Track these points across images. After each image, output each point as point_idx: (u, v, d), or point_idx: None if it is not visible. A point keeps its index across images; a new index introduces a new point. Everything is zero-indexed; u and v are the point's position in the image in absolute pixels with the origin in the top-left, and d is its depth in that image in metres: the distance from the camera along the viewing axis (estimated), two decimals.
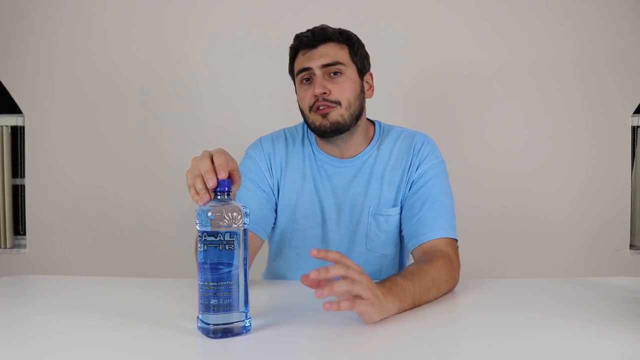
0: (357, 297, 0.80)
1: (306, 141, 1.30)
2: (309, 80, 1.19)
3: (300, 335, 0.81)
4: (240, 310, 0.79)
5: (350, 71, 1.20)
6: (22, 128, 2.55)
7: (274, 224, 1.29)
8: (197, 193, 0.80)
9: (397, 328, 0.85)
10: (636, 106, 2.54)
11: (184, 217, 2.26)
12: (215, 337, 0.77)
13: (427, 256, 1.09)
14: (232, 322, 0.78)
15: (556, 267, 2.52)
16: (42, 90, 2.51)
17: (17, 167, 2.65)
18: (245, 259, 0.80)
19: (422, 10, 2.51)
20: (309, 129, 1.29)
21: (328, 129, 1.18)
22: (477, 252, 2.28)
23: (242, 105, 2.48)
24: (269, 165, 1.27)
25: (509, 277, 2.19)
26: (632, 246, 2.64)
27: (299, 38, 1.21)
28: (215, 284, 0.77)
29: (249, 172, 1.24)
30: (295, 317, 0.89)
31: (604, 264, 2.55)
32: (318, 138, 1.27)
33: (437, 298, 1.01)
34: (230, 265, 0.78)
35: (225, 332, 0.78)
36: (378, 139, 1.29)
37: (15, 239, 2.66)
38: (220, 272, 0.77)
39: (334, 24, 1.26)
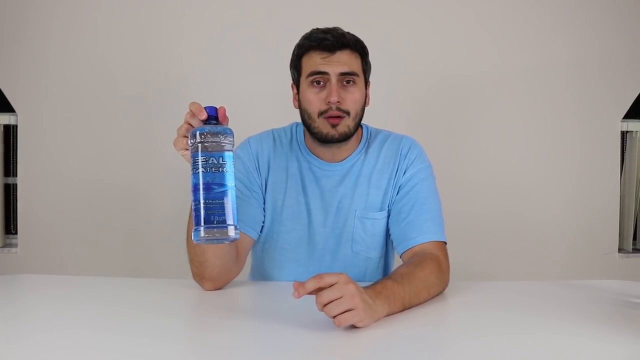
0: (347, 310, 0.82)
1: (294, 143, 1.31)
2: (320, 83, 1.17)
3: (291, 336, 0.82)
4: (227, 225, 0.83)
5: (360, 82, 1.20)
6: (15, 127, 2.54)
7: (263, 223, 1.29)
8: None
9: (387, 329, 0.86)
10: (625, 111, 2.57)
11: (178, 217, 2.25)
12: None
13: (417, 258, 1.10)
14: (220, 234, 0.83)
15: (546, 270, 2.54)
16: (35, 89, 2.49)
17: (10, 166, 2.63)
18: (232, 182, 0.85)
19: (418, 15, 2.52)
20: (298, 131, 1.31)
21: (336, 139, 1.19)
22: (467, 255, 2.29)
23: (236, 107, 2.45)
24: (257, 165, 1.28)
25: (499, 280, 2.20)
26: (620, 250, 2.66)
27: (316, 39, 1.17)
28: (207, 201, 0.82)
29: (237, 172, 1.24)
30: (286, 318, 0.90)
31: (593, 267, 2.57)
32: (309, 141, 1.27)
33: (427, 300, 1.03)
34: (222, 185, 0.83)
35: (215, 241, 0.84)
36: (366, 143, 1.30)
37: (6, 238, 2.65)
38: (210, 192, 0.83)
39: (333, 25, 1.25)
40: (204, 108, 0.91)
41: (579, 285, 1.18)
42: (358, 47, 1.20)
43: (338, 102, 1.15)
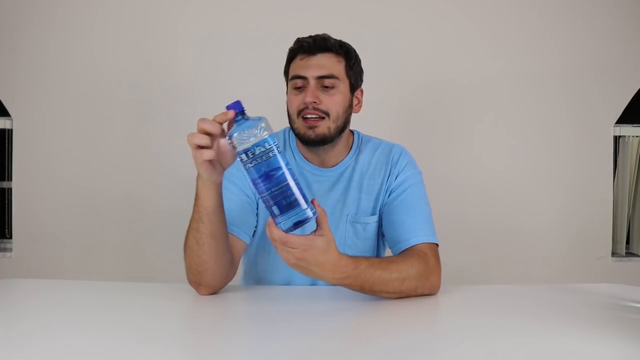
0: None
1: (288, 148, 1.32)
2: (300, 88, 1.21)
3: (286, 340, 0.82)
4: (302, 205, 0.85)
5: (343, 85, 1.22)
6: (10, 131, 2.53)
7: (255, 227, 1.30)
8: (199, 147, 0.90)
9: (378, 332, 0.86)
10: (618, 116, 2.58)
11: (173, 221, 2.25)
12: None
13: (405, 253, 1.14)
14: (300, 215, 0.86)
15: (540, 274, 2.55)
16: (31, 93, 2.49)
17: (4, 170, 2.63)
18: (286, 162, 0.86)
19: (414, 20, 2.53)
20: (290, 136, 1.32)
21: (312, 140, 1.21)
22: (461, 259, 2.30)
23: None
24: None
25: (493, 284, 2.21)
26: (614, 254, 2.68)
27: (299, 42, 1.23)
28: (272, 190, 0.84)
29: (232, 176, 1.25)
30: (281, 322, 0.90)
31: (586, 271, 2.58)
32: (300, 145, 1.29)
33: (402, 292, 1.05)
34: (279, 169, 0.84)
35: (297, 225, 0.87)
36: (357, 149, 1.32)
37: (1, 243, 2.64)
38: (272, 180, 0.84)
39: (327, 31, 1.28)
40: (228, 108, 0.89)
41: (573, 288, 1.19)
42: (342, 51, 1.22)
43: (314, 102, 1.18)
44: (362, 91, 1.31)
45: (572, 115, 2.57)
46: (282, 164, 0.84)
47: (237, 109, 0.88)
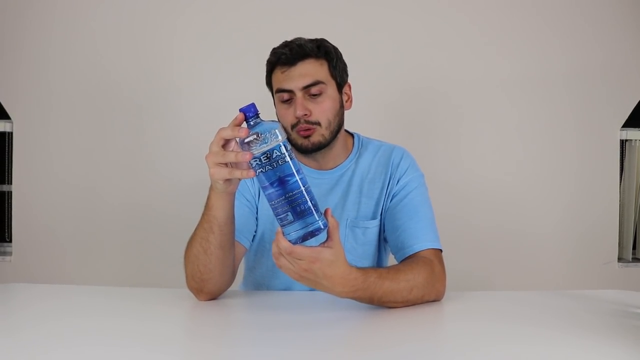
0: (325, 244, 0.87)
1: None
2: (288, 101, 1.19)
3: (281, 348, 0.80)
4: (314, 215, 0.82)
5: (330, 88, 1.20)
6: (11, 134, 2.53)
7: (255, 232, 1.28)
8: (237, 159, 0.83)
9: (381, 341, 0.85)
10: (625, 119, 2.56)
11: (174, 225, 2.25)
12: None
13: (411, 260, 1.12)
14: (311, 225, 0.82)
15: (545, 280, 2.53)
16: (31, 96, 2.49)
17: (5, 173, 2.62)
18: (298, 169, 0.82)
19: (410, 20, 2.52)
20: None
21: (310, 149, 1.19)
22: (466, 265, 2.28)
23: (230, 115, 2.46)
24: None
25: (497, 290, 2.20)
26: (620, 259, 2.65)
27: (276, 54, 1.20)
28: (284, 197, 0.80)
29: None
30: (278, 330, 0.89)
31: (592, 277, 2.56)
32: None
33: (409, 301, 1.02)
34: (292, 175, 0.80)
35: (307, 236, 0.82)
36: (357, 152, 1.31)
37: (0, 246, 2.63)
38: (285, 186, 0.80)
39: (319, 33, 1.26)
40: (241, 110, 0.85)
41: (578, 295, 1.17)
42: (322, 54, 1.19)
43: (305, 115, 1.16)
44: (350, 86, 1.28)
45: (578, 118, 2.55)
46: (295, 171, 0.81)
47: (251, 112, 0.84)
